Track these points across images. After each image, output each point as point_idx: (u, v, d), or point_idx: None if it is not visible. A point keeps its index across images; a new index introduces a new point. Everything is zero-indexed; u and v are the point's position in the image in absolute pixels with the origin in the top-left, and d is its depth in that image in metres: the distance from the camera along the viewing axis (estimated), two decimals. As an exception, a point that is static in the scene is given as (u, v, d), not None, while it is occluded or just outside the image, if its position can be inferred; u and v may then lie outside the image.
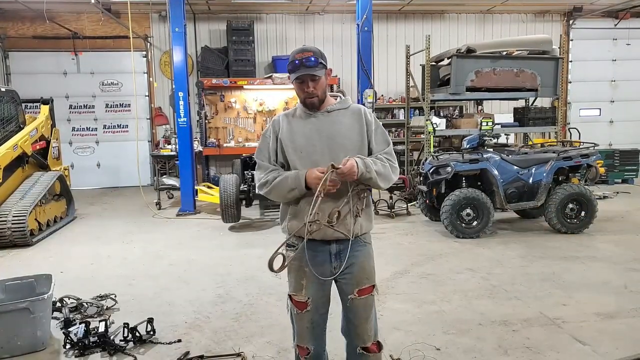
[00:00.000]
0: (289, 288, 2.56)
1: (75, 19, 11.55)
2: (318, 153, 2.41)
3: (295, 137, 2.45)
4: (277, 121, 2.54)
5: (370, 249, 2.57)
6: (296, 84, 2.42)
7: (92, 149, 12.21)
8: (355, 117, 2.49)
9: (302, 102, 2.48)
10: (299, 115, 2.51)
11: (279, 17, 12.12)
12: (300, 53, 2.37)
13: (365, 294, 2.51)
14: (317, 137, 2.43)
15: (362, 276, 2.50)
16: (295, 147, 2.44)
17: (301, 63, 2.34)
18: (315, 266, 2.42)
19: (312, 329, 2.53)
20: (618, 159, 10.83)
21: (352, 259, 2.45)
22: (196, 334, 3.88)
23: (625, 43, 13.14)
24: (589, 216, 6.76)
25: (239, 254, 6.05)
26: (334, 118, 2.47)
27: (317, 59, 2.36)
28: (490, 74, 8.50)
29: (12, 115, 7.82)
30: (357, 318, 2.53)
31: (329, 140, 2.42)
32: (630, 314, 4.12)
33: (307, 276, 2.46)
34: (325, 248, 2.44)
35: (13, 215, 6.51)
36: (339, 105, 2.51)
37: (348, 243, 2.39)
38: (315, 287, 2.48)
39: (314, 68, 2.35)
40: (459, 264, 5.55)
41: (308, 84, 2.38)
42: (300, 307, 2.50)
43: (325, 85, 2.45)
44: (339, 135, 2.43)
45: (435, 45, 9.83)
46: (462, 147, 7.29)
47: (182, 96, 8.52)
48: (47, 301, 3.71)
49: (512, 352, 3.50)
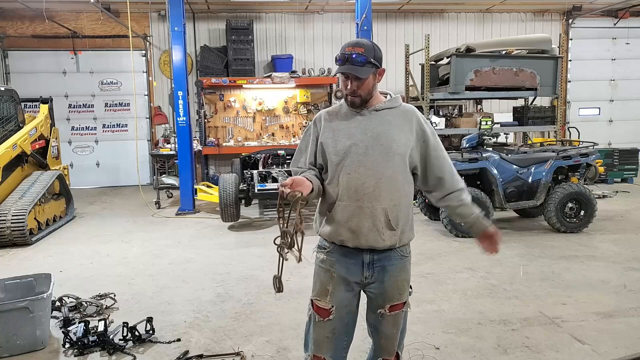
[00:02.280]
0: (312, 292, 2.37)
1: (74, 18, 11.53)
2: (361, 154, 2.21)
3: (337, 136, 2.26)
4: (319, 119, 2.36)
5: (406, 262, 2.37)
6: (341, 78, 2.24)
7: (92, 148, 12.20)
8: (406, 118, 2.28)
9: (344, 98, 2.30)
10: (344, 113, 2.31)
11: (279, 16, 12.11)
12: (351, 47, 2.18)
13: (396, 310, 2.35)
14: (361, 136, 2.23)
15: (395, 292, 2.32)
16: (337, 147, 2.24)
17: (349, 58, 2.16)
18: (345, 273, 2.29)
19: (333, 340, 2.33)
20: (617, 158, 10.83)
21: (385, 272, 2.29)
22: (195, 333, 3.88)
23: (625, 42, 13.14)
24: (589, 215, 6.76)
25: (238, 253, 6.05)
26: (382, 117, 2.26)
27: (367, 57, 2.17)
28: (490, 73, 8.51)
29: (12, 115, 7.82)
30: (384, 333, 2.38)
31: (374, 140, 2.21)
32: (629, 313, 4.13)
33: (334, 282, 2.29)
34: (358, 256, 2.28)
35: (12, 215, 6.50)
36: (389, 104, 2.29)
37: (382, 254, 2.27)
38: (341, 295, 2.29)
39: (360, 68, 2.16)
40: (459, 263, 5.56)
41: (352, 82, 2.20)
42: (323, 315, 2.30)
43: (372, 85, 2.24)
44: (385, 135, 2.22)
45: (434, 44, 9.83)
46: (462, 146, 7.28)
47: (182, 95, 8.51)
48: (47, 300, 3.71)
49: (512, 352, 3.50)
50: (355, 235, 2.23)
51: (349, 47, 2.18)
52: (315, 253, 2.40)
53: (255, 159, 8.64)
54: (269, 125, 11.53)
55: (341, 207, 2.23)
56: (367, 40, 2.25)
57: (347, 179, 2.22)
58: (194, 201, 8.77)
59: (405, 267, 2.37)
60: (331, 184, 2.27)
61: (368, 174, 2.20)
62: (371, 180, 2.20)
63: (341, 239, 2.25)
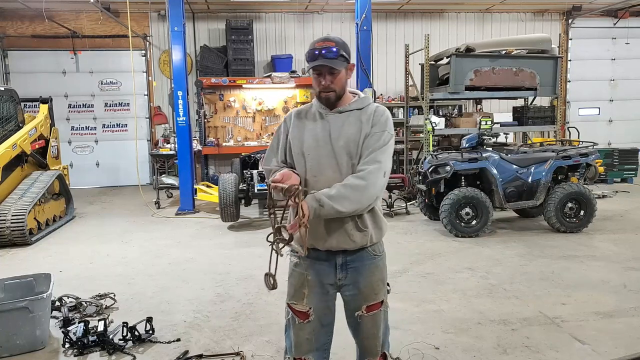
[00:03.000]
0: (287, 296, 2.36)
1: (74, 18, 11.53)
2: (324, 157, 2.20)
3: (304, 137, 2.25)
4: (289, 117, 2.35)
5: (379, 261, 2.35)
6: (313, 75, 2.20)
7: (91, 148, 12.20)
8: (366, 118, 2.22)
9: (317, 96, 2.26)
10: (313, 114, 2.29)
11: (278, 16, 12.11)
12: (321, 42, 2.15)
13: (373, 310, 2.31)
14: (325, 139, 2.21)
15: (370, 292, 2.30)
16: (302, 148, 2.24)
17: (320, 53, 2.12)
18: (318, 275, 2.28)
19: (313, 341, 2.32)
20: (617, 158, 10.83)
21: (358, 273, 2.28)
22: (195, 333, 3.88)
23: (625, 42, 13.14)
24: (588, 215, 6.76)
25: (238, 253, 6.05)
26: (344, 119, 2.23)
27: (339, 50, 2.13)
28: (490, 73, 8.50)
29: (11, 115, 7.82)
30: (365, 334, 2.35)
31: (336, 143, 2.20)
32: (629, 313, 4.13)
33: (309, 285, 2.28)
34: (330, 258, 2.27)
35: (12, 215, 6.50)
36: (355, 105, 2.25)
37: (354, 255, 2.26)
38: (317, 297, 2.29)
39: (334, 60, 2.12)
40: (458, 263, 5.56)
41: (325, 76, 2.16)
42: (302, 317, 2.30)
43: (344, 80, 2.21)
44: (344, 138, 2.19)
45: (434, 44, 9.83)
46: (461, 146, 7.29)
47: (181, 95, 8.51)
48: (46, 300, 3.71)
49: (512, 351, 3.50)
50: (326, 239, 2.21)
51: (319, 42, 2.16)
52: (290, 256, 2.38)
53: (255, 159, 8.64)
54: (269, 125, 11.53)
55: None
56: (335, 36, 2.24)
57: (313, 181, 2.21)
58: (193, 201, 8.77)
59: (378, 266, 2.34)
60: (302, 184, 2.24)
61: (332, 177, 2.18)
62: (335, 183, 2.15)
63: (312, 242, 2.21)
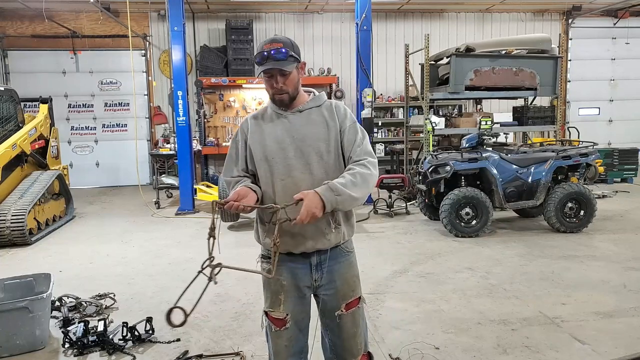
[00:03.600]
0: (265, 304, 2.34)
1: (74, 18, 11.53)
2: (291, 158, 2.16)
3: (265, 141, 2.20)
4: (245, 124, 2.29)
5: (352, 257, 2.34)
6: (264, 78, 2.16)
7: (91, 148, 12.20)
8: (328, 115, 2.23)
9: (271, 99, 2.24)
10: (270, 116, 2.25)
11: (278, 16, 12.10)
12: (269, 44, 2.12)
13: (352, 307, 2.30)
14: (289, 140, 2.18)
15: (347, 289, 2.29)
16: (265, 153, 2.19)
17: (269, 55, 2.09)
18: (294, 279, 2.25)
19: (292, 347, 2.29)
20: (617, 158, 10.83)
21: (334, 271, 2.26)
22: (195, 333, 3.88)
23: (625, 42, 13.14)
24: (588, 215, 6.76)
25: (237, 253, 6.03)
26: (306, 118, 2.21)
27: (288, 51, 2.11)
28: (489, 73, 8.50)
29: (11, 114, 7.82)
30: (346, 333, 2.30)
31: (301, 143, 2.17)
32: (629, 313, 4.13)
33: (285, 290, 2.25)
34: (305, 260, 2.24)
35: (12, 214, 6.50)
36: (312, 103, 2.25)
37: (328, 253, 2.23)
38: (294, 302, 2.26)
39: (283, 62, 2.10)
40: (458, 263, 5.55)
41: (277, 78, 2.13)
42: (278, 324, 2.27)
43: (297, 80, 2.19)
44: (311, 136, 2.18)
45: (434, 44, 9.83)
46: (461, 146, 7.29)
47: (181, 95, 8.51)
48: (46, 300, 3.71)
49: (512, 351, 3.49)
50: (300, 241, 2.19)
51: (266, 44, 2.13)
52: (260, 264, 2.34)
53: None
54: (269, 125, 11.51)
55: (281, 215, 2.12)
56: (282, 36, 2.21)
57: (281, 185, 2.17)
58: (193, 201, 8.77)
59: (352, 262, 2.34)
60: (266, 191, 2.21)
61: (302, 178, 2.16)
62: (306, 184, 2.14)
63: (286, 247, 2.18)
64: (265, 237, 2.26)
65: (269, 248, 2.22)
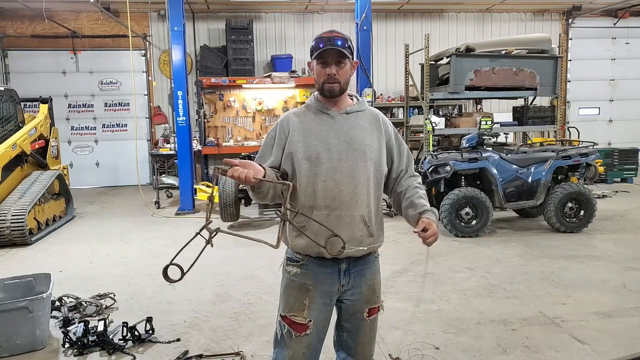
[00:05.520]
0: (284, 308, 2.21)
1: (74, 18, 11.53)
2: (336, 160, 2.10)
3: (309, 139, 2.12)
4: (286, 121, 2.19)
5: (378, 263, 2.33)
6: (317, 66, 2.10)
7: (91, 148, 12.20)
8: (373, 122, 2.20)
9: (319, 89, 2.15)
10: (314, 115, 2.17)
11: (278, 16, 12.11)
12: (328, 33, 2.09)
13: (373, 313, 2.29)
14: (335, 140, 2.11)
15: (372, 295, 2.26)
16: (309, 152, 2.10)
17: (329, 41, 2.05)
18: (322, 284, 2.17)
19: (309, 355, 2.22)
20: (617, 158, 10.83)
21: (361, 276, 2.22)
22: (195, 333, 3.88)
23: (625, 42, 13.14)
24: (588, 215, 6.76)
25: (237, 253, 6.03)
26: (352, 121, 2.16)
27: (345, 42, 2.08)
28: (489, 73, 8.50)
29: (11, 114, 7.81)
30: (362, 339, 2.29)
31: (347, 145, 2.11)
32: (629, 313, 4.13)
33: (311, 296, 2.16)
34: (334, 265, 2.17)
35: (12, 214, 6.50)
36: (358, 107, 2.20)
37: (359, 259, 2.19)
38: (319, 309, 2.18)
39: (344, 48, 2.07)
40: (458, 263, 5.56)
41: (332, 66, 2.07)
42: (300, 330, 2.17)
43: (349, 75, 2.14)
44: (358, 140, 2.13)
45: (434, 44, 9.82)
46: (461, 146, 7.29)
47: (181, 95, 8.51)
48: (46, 300, 3.70)
49: (511, 351, 3.50)
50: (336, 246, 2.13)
51: (325, 33, 2.11)
52: (284, 267, 2.27)
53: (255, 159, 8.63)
54: (269, 125, 11.50)
55: (318, 217, 2.06)
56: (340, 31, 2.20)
57: (323, 186, 2.09)
58: (193, 201, 8.77)
59: (378, 268, 2.33)
60: (305, 192, 2.12)
61: (344, 181, 2.10)
62: (348, 187, 2.10)
63: (319, 250, 2.09)
64: (295, 238, 2.17)
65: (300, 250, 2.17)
